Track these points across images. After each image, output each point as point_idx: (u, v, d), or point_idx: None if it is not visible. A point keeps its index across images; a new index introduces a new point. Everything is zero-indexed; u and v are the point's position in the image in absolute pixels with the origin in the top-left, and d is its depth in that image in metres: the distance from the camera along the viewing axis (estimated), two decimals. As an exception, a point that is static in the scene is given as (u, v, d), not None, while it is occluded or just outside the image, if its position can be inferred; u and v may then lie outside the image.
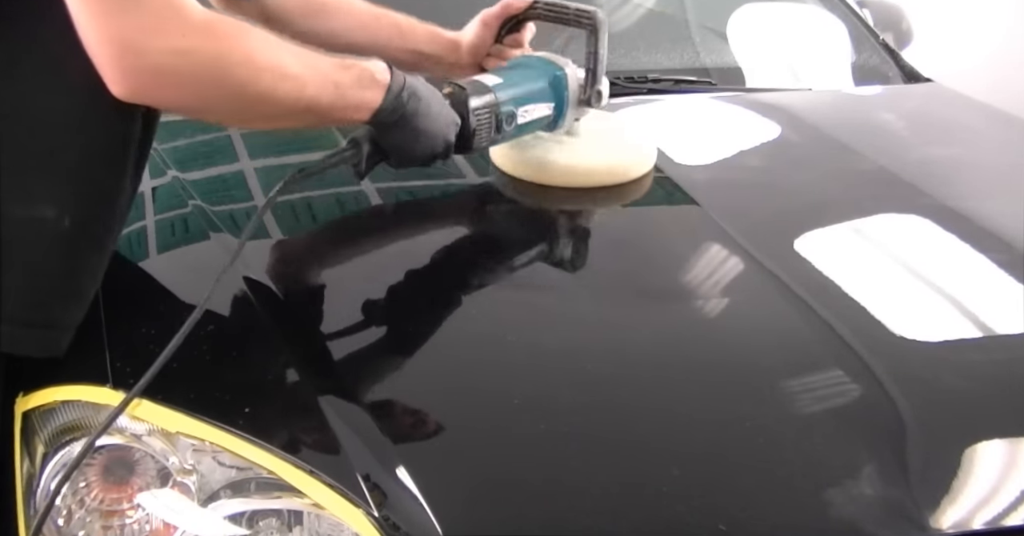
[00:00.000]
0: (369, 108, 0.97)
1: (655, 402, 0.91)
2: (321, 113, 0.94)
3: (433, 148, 1.04)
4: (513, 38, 1.26)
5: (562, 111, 1.20)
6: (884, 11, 2.08)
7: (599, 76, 1.20)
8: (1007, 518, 0.81)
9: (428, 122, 1.02)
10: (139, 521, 0.82)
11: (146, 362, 0.87)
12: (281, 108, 0.90)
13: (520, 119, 1.14)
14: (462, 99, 1.08)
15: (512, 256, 1.16)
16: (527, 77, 1.18)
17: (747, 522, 0.79)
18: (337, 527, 0.79)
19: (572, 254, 1.16)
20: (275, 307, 1.02)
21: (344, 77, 0.94)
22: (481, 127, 1.10)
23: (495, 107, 1.11)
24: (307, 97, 0.91)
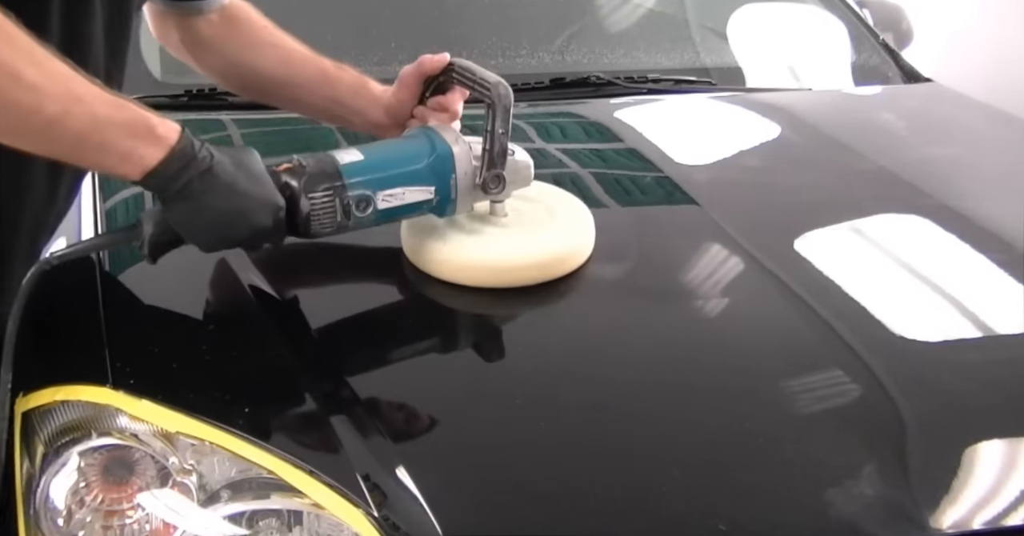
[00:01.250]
0: (141, 164, 0.84)
1: (655, 403, 0.91)
2: (70, 146, 0.83)
3: (231, 233, 0.91)
4: (437, 101, 1.09)
5: (447, 196, 1.01)
6: (884, 11, 2.08)
7: (498, 158, 1.01)
8: (1007, 518, 0.81)
9: (227, 201, 0.88)
10: (139, 521, 0.82)
11: (146, 362, 0.88)
12: (12, 117, 0.80)
13: (382, 204, 0.97)
14: (299, 177, 0.94)
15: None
16: (399, 155, 1.01)
17: (747, 522, 0.79)
18: (337, 527, 0.79)
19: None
20: (275, 307, 1.01)
21: (110, 113, 0.83)
22: (319, 212, 0.94)
23: (340, 190, 0.95)
24: (47, 115, 0.80)
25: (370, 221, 0.99)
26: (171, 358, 0.92)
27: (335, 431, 0.84)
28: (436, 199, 1.01)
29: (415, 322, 1.04)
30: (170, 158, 0.85)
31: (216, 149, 0.89)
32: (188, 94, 1.44)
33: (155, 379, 0.88)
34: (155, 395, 0.85)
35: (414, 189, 0.99)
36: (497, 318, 1.06)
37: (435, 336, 1.01)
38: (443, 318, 1.06)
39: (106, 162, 0.85)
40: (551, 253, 1.04)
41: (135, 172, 0.85)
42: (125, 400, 0.86)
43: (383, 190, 0.98)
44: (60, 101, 0.80)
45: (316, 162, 0.96)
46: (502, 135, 1.01)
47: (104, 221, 1.12)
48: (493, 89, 1.00)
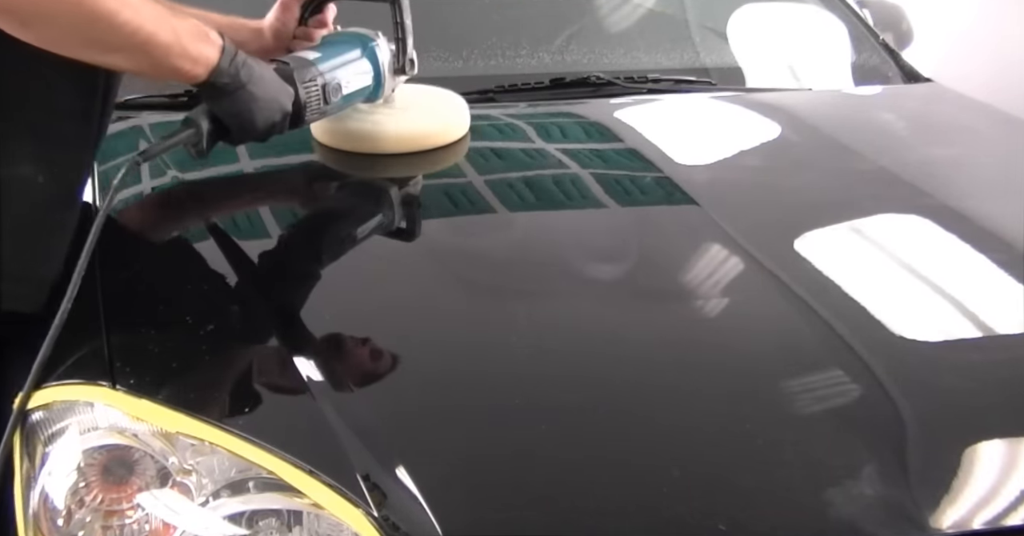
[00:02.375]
0: (207, 64, 0.98)
1: (655, 403, 0.91)
2: (158, 57, 0.94)
3: (272, 118, 1.05)
4: (317, 19, 1.27)
5: (380, 81, 1.24)
6: (884, 11, 2.08)
7: (408, 44, 1.24)
8: (1007, 518, 0.81)
9: (264, 90, 1.03)
10: (139, 521, 0.82)
11: (146, 362, 0.88)
12: (118, 36, 0.90)
13: (345, 90, 1.17)
14: (287, 73, 1.09)
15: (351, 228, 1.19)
16: (343, 50, 1.20)
17: (747, 522, 0.79)
18: (337, 527, 0.79)
19: (409, 215, 1.23)
20: (275, 307, 1.02)
21: (180, 24, 0.95)
22: (311, 99, 1.11)
23: (320, 78, 1.13)
24: (146, 31, 0.91)
25: (337, 107, 1.17)
26: (171, 358, 0.92)
27: (335, 431, 0.84)
28: (373, 84, 1.23)
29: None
30: (223, 55, 0.99)
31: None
32: (188, 94, 1.44)
33: (155, 379, 0.89)
34: (155, 395, 0.85)
35: (361, 76, 1.21)
36: None
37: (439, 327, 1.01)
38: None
39: (185, 66, 0.97)
40: (439, 125, 1.33)
41: (203, 71, 0.98)
42: (125, 400, 0.86)
43: (344, 78, 1.17)
44: (152, 19, 0.92)
45: (293, 59, 1.13)
46: (408, 25, 1.23)
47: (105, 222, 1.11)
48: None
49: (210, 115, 1.03)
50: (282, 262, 1.11)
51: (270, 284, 1.05)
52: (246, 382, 0.92)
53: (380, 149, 1.29)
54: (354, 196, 1.32)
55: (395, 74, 1.26)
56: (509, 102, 1.51)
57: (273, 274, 1.07)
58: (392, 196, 1.30)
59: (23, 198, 0.96)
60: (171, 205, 1.19)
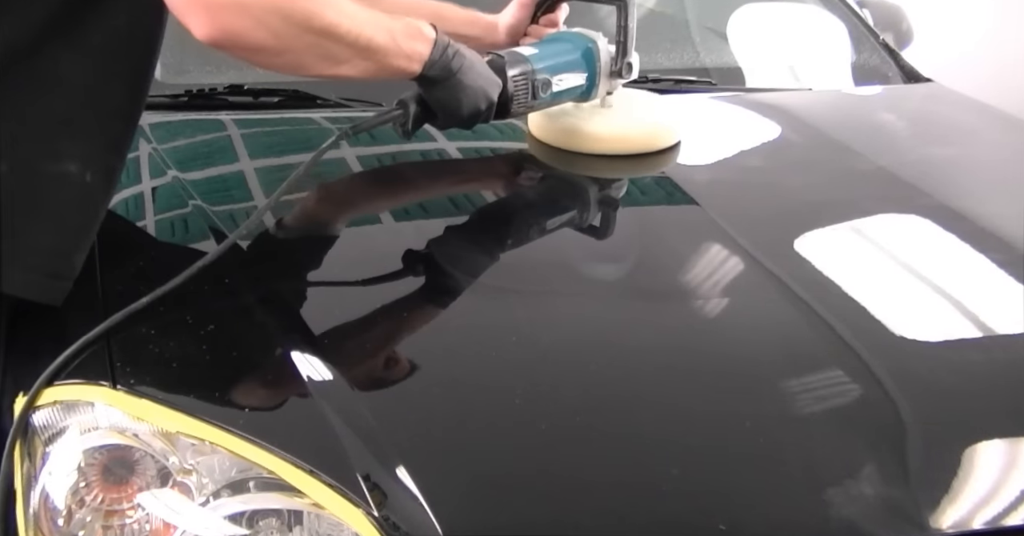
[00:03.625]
0: (420, 59, 1.05)
1: (655, 402, 0.91)
2: (379, 59, 1.02)
3: (477, 105, 1.12)
4: (548, 18, 1.34)
5: (594, 81, 1.28)
6: (884, 11, 2.08)
7: (629, 49, 1.28)
8: (1007, 518, 0.81)
9: (473, 79, 1.10)
10: (139, 521, 0.82)
11: (146, 362, 0.88)
12: (344, 46, 0.98)
13: (555, 87, 1.22)
14: (499, 66, 1.16)
15: (543, 220, 1.21)
16: (561, 49, 1.26)
17: (747, 522, 0.79)
18: (337, 527, 0.79)
19: (605, 215, 1.24)
20: (275, 307, 1.01)
21: (394, 24, 1.03)
22: (519, 92, 1.17)
23: (531, 74, 1.18)
24: (366, 37, 0.99)
25: (544, 102, 1.24)
26: (171, 358, 0.92)
27: (335, 431, 0.84)
28: (586, 85, 1.28)
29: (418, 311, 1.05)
30: (435, 48, 1.06)
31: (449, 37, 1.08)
32: (188, 94, 1.44)
33: (155, 379, 0.89)
34: (155, 395, 0.85)
35: (574, 75, 1.26)
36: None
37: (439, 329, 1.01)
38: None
39: (401, 64, 1.05)
40: (655, 126, 1.36)
41: (418, 66, 1.06)
42: (125, 400, 0.86)
43: (555, 75, 1.22)
44: (370, 24, 1.00)
45: (508, 53, 1.20)
46: (632, 29, 1.27)
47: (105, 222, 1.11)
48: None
49: (419, 99, 1.11)
50: (282, 262, 1.11)
51: (270, 285, 1.05)
52: (246, 382, 0.92)
53: (583, 148, 1.32)
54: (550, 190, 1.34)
55: (611, 76, 1.29)
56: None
57: (273, 275, 1.07)
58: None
59: (69, 196, 0.97)
60: (173, 205, 1.19)
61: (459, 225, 1.19)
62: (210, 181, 1.24)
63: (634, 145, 1.33)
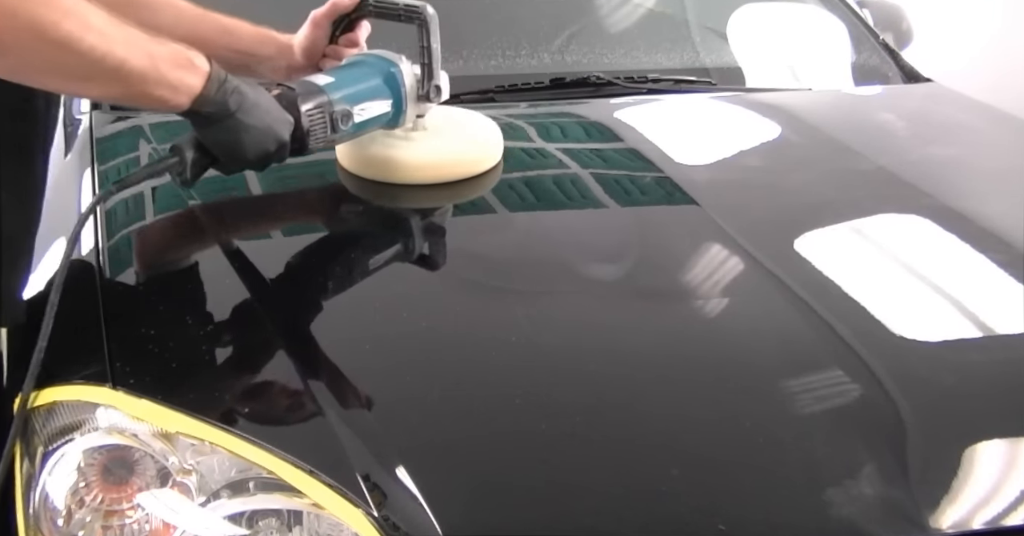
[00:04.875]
0: (189, 92, 0.94)
1: (655, 402, 0.91)
2: (133, 83, 0.90)
3: (264, 147, 1.01)
4: (347, 38, 1.22)
5: (400, 107, 1.18)
6: (884, 11, 2.08)
7: (435, 70, 1.18)
8: (1007, 518, 0.81)
9: (257, 118, 0.99)
10: (139, 521, 0.82)
11: (146, 362, 0.88)
12: (86, 63, 0.87)
13: (357, 118, 1.12)
14: (291, 99, 1.05)
15: (364, 253, 1.14)
16: (361, 75, 1.15)
17: (747, 522, 0.79)
18: (337, 527, 0.79)
19: (422, 253, 1.15)
20: (275, 307, 1.01)
21: (159, 50, 0.91)
22: (315, 127, 1.07)
23: (327, 106, 1.08)
24: (116, 57, 0.87)
25: (348, 134, 1.13)
26: (171, 358, 0.92)
27: (335, 431, 0.84)
28: (392, 111, 1.18)
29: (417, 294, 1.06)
30: (209, 83, 0.95)
31: (228, 73, 0.98)
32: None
33: (155, 379, 0.88)
34: (155, 395, 0.85)
35: (378, 102, 1.15)
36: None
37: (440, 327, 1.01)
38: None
39: (164, 95, 0.93)
40: (466, 154, 1.25)
41: (185, 100, 0.94)
42: (125, 400, 0.86)
43: (357, 104, 1.12)
44: (123, 42, 0.88)
45: (300, 85, 1.09)
46: (436, 50, 1.16)
47: (104, 222, 1.11)
48: (423, 10, 1.16)
49: (197, 143, 1.00)
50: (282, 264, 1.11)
51: (270, 285, 1.05)
52: (246, 382, 0.92)
53: (398, 178, 1.21)
54: (369, 224, 1.25)
55: (419, 101, 1.19)
56: (509, 102, 1.51)
57: (273, 275, 1.07)
58: (409, 225, 1.22)
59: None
60: (173, 206, 1.19)
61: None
62: (210, 181, 1.24)
63: (446, 172, 1.22)
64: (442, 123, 1.25)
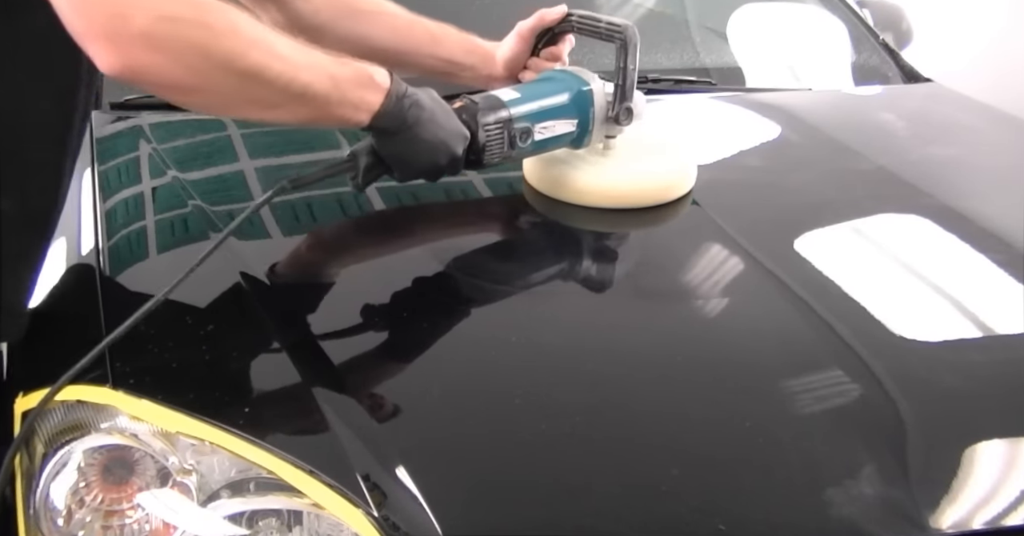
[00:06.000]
0: (369, 109, 0.95)
1: (655, 402, 0.91)
2: (318, 106, 0.92)
3: (436, 160, 1.02)
4: (550, 51, 1.23)
5: (586, 128, 1.15)
6: (884, 11, 2.08)
7: (628, 92, 1.15)
8: (1007, 518, 0.81)
9: (432, 132, 1.00)
10: (139, 521, 0.82)
11: (146, 362, 0.88)
12: (274, 90, 0.88)
13: (537, 136, 1.10)
14: (472, 113, 1.05)
15: (521, 270, 1.13)
16: (548, 92, 1.13)
17: (747, 522, 0.79)
18: (337, 527, 0.79)
19: (586, 277, 1.12)
20: (275, 307, 1.02)
21: (341, 71, 0.93)
22: (492, 142, 1.06)
23: (508, 122, 1.07)
24: (301, 82, 0.89)
25: (527, 151, 1.12)
26: (171, 358, 0.92)
27: (335, 431, 0.84)
28: (577, 131, 1.15)
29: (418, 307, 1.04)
30: (389, 99, 0.96)
31: (410, 86, 0.99)
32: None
33: (155, 379, 0.89)
34: (155, 395, 0.86)
35: (562, 122, 1.13)
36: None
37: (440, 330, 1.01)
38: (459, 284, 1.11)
39: (346, 114, 0.94)
40: (652, 183, 1.20)
41: (365, 117, 0.96)
42: (125, 400, 0.86)
43: (539, 122, 1.11)
44: (308, 69, 0.90)
45: (484, 99, 1.08)
46: (632, 71, 1.15)
47: (104, 222, 1.12)
48: (624, 30, 1.14)
49: (372, 151, 1.01)
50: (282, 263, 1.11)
51: (270, 285, 1.05)
52: (246, 382, 0.92)
53: (575, 200, 1.17)
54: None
55: (608, 122, 1.16)
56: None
57: (273, 275, 1.07)
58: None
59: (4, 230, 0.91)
60: (173, 206, 1.19)
61: (457, 251, 1.14)
62: (210, 181, 1.24)
63: (628, 199, 1.18)
64: (633, 146, 1.20)
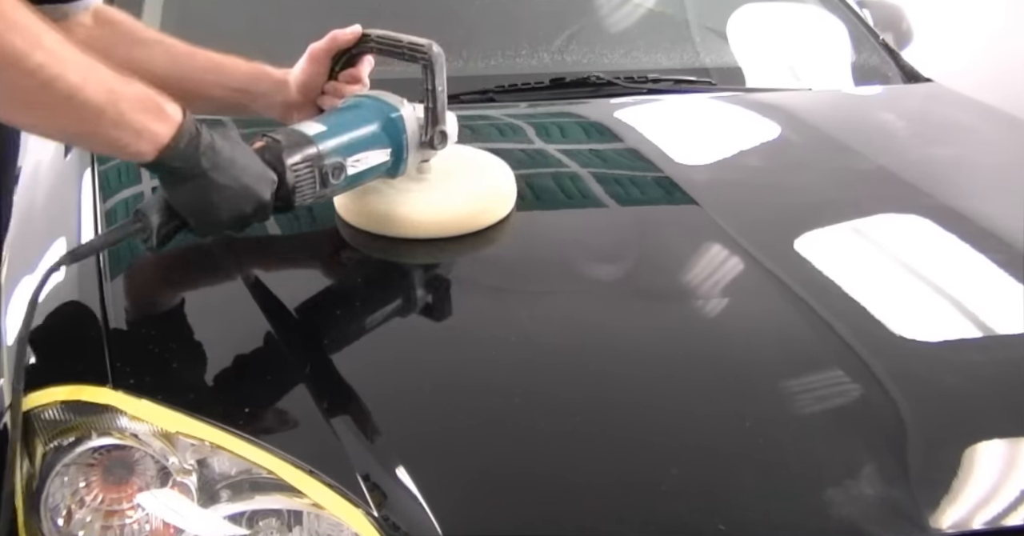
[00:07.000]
0: (154, 141, 0.83)
1: (655, 402, 0.91)
2: (87, 119, 0.80)
3: (241, 209, 0.92)
4: (349, 73, 1.13)
5: (401, 156, 1.07)
6: (884, 11, 2.08)
7: (440, 115, 1.07)
8: (1007, 518, 0.81)
9: (232, 177, 0.89)
10: (139, 521, 0.82)
11: (146, 362, 0.88)
12: (33, 85, 0.76)
13: (351, 170, 1.02)
14: (276, 153, 0.96)
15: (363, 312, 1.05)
16: (357, 121, 1.05)
17: (747, 522, 0.79)
18: (337, 527, 0.79)
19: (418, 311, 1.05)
20: (275, 307, 1.02)
21: (122, 87, 0.82)
22: (302, 183, 0.97)
23: (317, 159, 0.98)
24: (69, 83, 0.77)
25: (341, 187, 1.03)
26: (171, 358, 0.92)
27: (335, 431, 0.84)
28: (391, 160, 1.07)
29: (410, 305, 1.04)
30: (180, 134, 0.84)
31: (205, 127, 0.88)
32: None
33: (155, 379, 0.89)
34: (155, 395, 0.85)
35: (375, 152, 1.04)
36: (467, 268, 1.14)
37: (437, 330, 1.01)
38: (431, 282, 1.10)
39: (123, 138, 0.83)
40: (473, 207, 1.12)
41: (150, 149, 0.84)
42: (125, 400, 0.86)
43: (351, 156, 1.02)
44: (79, 70, 0.78)
45: (286, 136, 0.99)
46: (441, 92, 1.06)
47: (104, 222, 1.11)
48: (428, 50, 1.05)
49: (164, 204, 0.90)
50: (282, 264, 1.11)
51: (270, 285, 1.05)
52: (246, 382, 0.92)
53: (396, 233, 1.10)
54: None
55: (422, 147, 1.08)
56: (509, 102, 1.51)
57: (273, 275, 1.07)
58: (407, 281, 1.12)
59: None
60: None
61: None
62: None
63: (447, 228, 1.10)
64: (448, 168, 1.13)
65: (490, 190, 1.16)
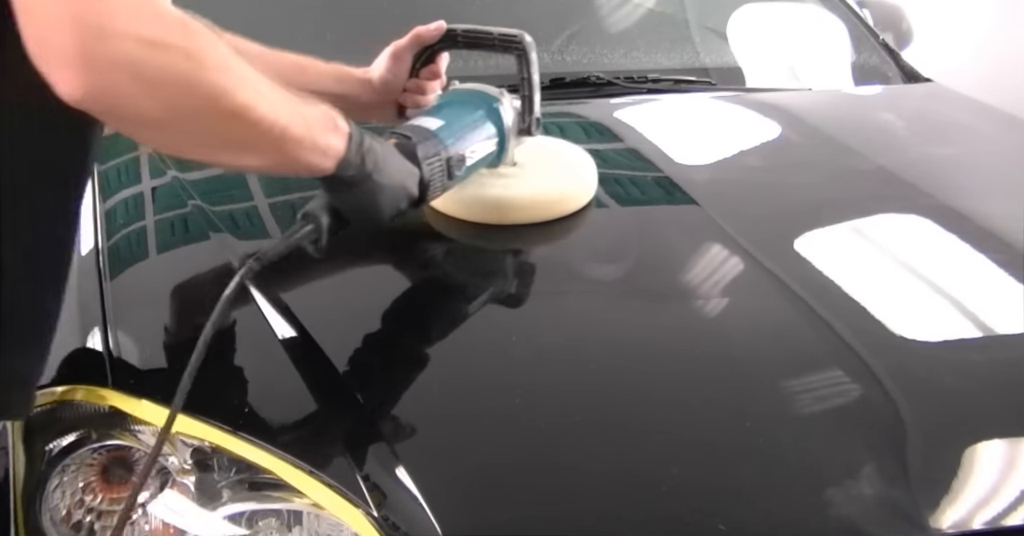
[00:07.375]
0: (336, 155, 0.85)
1: (655, 402, 0.91)
2: (290, 152, 0.80)
3: (398, 205, 0.93)
4: (429, 70, 1.14)
5: (504, 146, 1.10)
6: (884, 11, 2.08)
7: (535, 102, 1.11)
8: (1007, 518, 0.81)
9: (390, 177, 0.91)
10: (139, 521, 0.82)
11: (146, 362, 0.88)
12: (255, 133, 0.76)
13: (469, 161, 1.04)
14: (410, 149, 0.97)
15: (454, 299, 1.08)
16: (467, 114, 1.07)
17: (747, 522, 0.79)
18: (337, 527, 0.79)
19: (513, 293, 1.09)
20: (275, 308, 1.01)
21: (310, 112, 0.82)
22: (434, 176, 0.99)
23: (443, 152, 1.00)
24: (282, 125, 0.77)
25: (461, 178, 1.05)
26: (171, 358, 0.92)
27: (335, 431, 0.84)
28: (496, 150, 1.10)
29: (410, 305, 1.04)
30: (350, 145, 0.86)
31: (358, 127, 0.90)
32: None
33: (155, 379, 0.89)
34: (155, 395, 0.86)
35: (485, 142, 1.08)
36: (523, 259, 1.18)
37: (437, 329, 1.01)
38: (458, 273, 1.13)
39: (314, 160, 0.83)
40: (559, 190, 1.16)
41: (331, 164, 0.85)
42: (125, 400, 0.86)
43: (468, 147, 1.04)
44: (287, 112, 0.78)
45: (414, 132, 1.00)
46: (536, 81, 1.10)
47: (104, 222, 1.12)
48: (521, 39, 1.09)
49: (331, 208, 0.91)
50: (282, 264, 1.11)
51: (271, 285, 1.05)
52: (246, 382, 0.92)
53: (491, 219, 1.13)
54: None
55: (519, 135, 1.12)
56: (509, 102, 1.51)
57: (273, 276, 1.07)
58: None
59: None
60: (174, 207, 1.19)
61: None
62: (210, 181, 1.24)
63: (544, 212, 1.15)
64: (533, 156, 1.17)
65: (574, 176, 1.20)
